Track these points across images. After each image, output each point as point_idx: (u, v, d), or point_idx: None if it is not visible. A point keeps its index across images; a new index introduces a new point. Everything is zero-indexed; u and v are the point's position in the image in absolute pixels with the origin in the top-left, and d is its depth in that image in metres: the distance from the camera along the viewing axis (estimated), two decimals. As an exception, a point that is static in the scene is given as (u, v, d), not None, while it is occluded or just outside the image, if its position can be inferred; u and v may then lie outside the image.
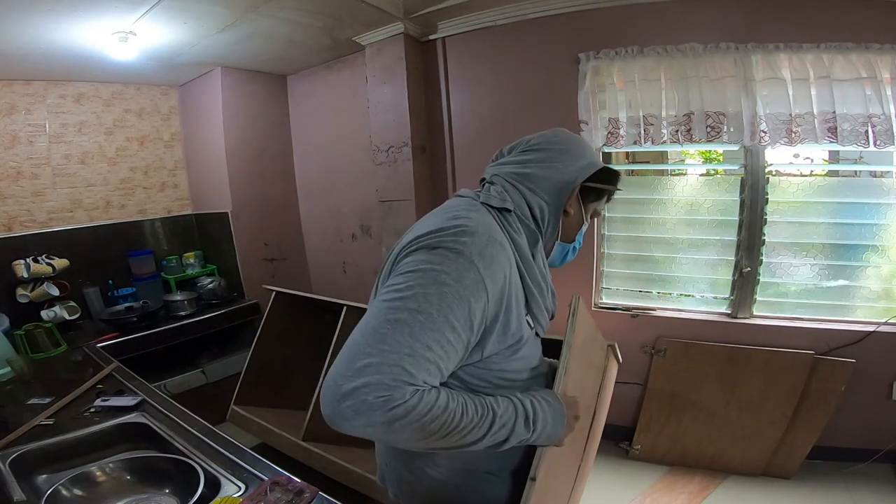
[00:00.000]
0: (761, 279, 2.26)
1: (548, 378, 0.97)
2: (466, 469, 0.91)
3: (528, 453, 0.89)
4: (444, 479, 0.92)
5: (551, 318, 0.93)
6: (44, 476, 1.26)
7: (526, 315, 0.82)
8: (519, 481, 0.90)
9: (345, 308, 2.14)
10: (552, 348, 1.03)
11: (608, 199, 0.99)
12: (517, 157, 0.91)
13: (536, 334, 0.88)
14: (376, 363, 0.64)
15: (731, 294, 2.32)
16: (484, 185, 0.93)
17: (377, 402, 0.63)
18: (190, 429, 1.39)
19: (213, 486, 1.11)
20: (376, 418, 0.63)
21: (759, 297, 2.28)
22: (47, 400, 1.62)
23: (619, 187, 0.97)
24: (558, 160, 0.88)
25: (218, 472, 1.17)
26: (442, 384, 0.72)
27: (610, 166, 0.96)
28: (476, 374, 0.81)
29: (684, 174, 2.71)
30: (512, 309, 0.78)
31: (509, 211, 0.84)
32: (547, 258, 0.93)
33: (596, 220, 2.07)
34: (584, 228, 0.97)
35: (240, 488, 1.10)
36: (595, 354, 1.22)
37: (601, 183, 0.92)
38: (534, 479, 0.87)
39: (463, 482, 0.92)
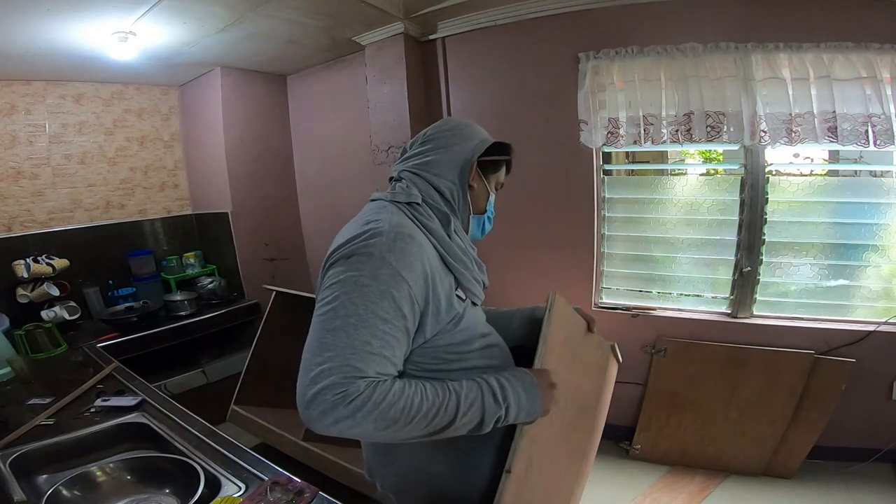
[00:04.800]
0: (761, 279, 2.25)
1: (505, 349, 1.01)
2: (447, 458, 0.92)
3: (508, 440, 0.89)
4: (424, 466, 0.93)
5: (484, 287, 1.01)
6: (44, 476, 1.26)
7: (456, 290, 0.90)
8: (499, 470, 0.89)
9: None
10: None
11: (507, 171, 1.09)
12: (418, 149, 0.99)
13: (474, 304, 0.97)
14: (327, 368, 0.73)
15: (731, 294, 2.32)
16: (392, 182, 1.01)
17: (336, 400, 0.71)
18: (190, 429, 1.39)
19: (214, 486, 1.11)
20: (340, 414, 0.71)
21: (759, 297, 2.28)
22: (47, 400, 1.62)
23: (511, 155, 1.06)
24: (453, 144, 0.97)
25: (218, 472, 1.17)
26: (401, 373, 0.81)
27: (501, 142, 1.04)
28: (427, 353, 0.87)
29: (684, 174, 2.71)
30: (438, 290, 0.85)
31: (418, 203, 0.92)
32: (467, 233, 1.02)
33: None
34: (492, 198, 1.07)
35: (240, 488, 1.10)
36: (590, 353, 1.21)
37: (495, 155, 1.03)
38: (509, 472, 0.85)
39: (442, 470, 0.93)
